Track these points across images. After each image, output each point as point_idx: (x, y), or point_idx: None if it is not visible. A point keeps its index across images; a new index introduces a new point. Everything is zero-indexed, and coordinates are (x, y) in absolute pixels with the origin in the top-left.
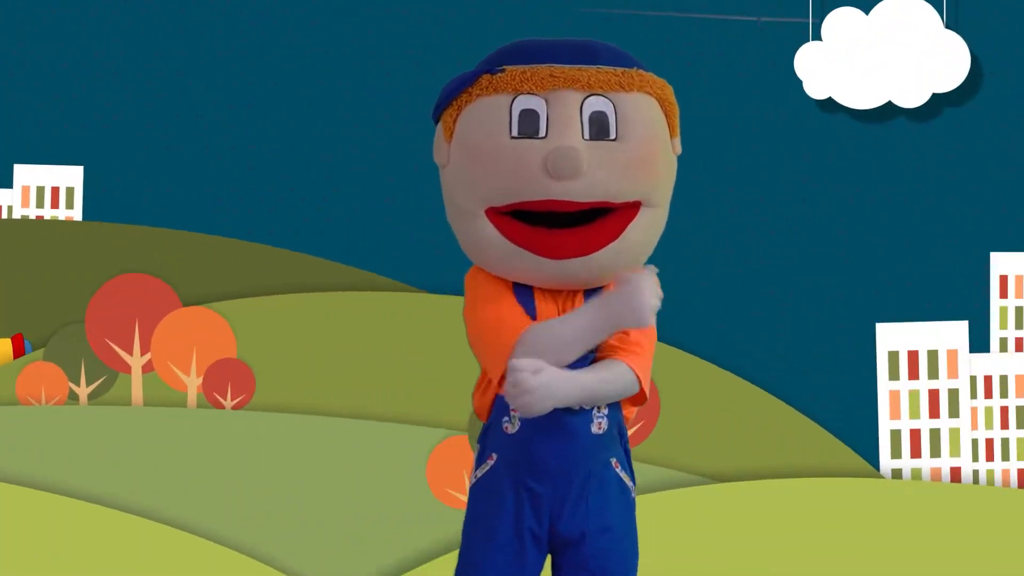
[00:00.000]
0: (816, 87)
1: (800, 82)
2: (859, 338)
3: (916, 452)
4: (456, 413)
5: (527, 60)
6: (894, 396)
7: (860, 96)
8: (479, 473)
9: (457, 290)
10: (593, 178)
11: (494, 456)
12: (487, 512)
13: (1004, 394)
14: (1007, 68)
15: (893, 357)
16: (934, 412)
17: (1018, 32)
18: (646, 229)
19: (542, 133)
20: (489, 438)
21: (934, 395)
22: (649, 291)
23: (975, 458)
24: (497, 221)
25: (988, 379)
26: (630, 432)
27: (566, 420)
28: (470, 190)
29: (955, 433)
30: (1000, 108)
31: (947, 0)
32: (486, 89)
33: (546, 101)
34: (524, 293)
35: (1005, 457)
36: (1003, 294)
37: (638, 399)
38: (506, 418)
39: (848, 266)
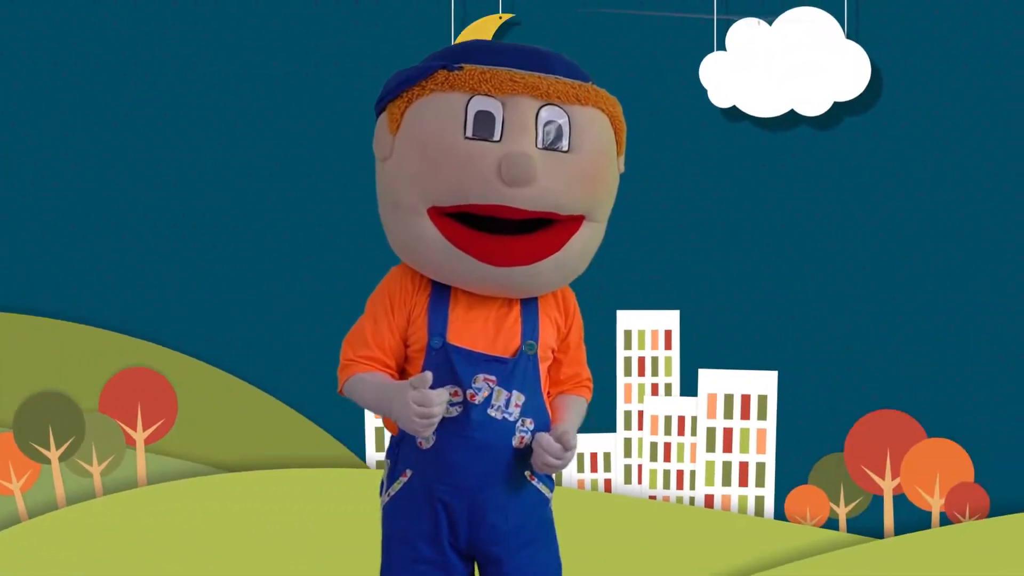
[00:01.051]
0: (720, 96)
1: (705, 91)
2: None
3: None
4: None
5: (486, 61)
6: None
7: (763, 104)
8: (392, 491)
9: (4, 307)
10: (544, 187)
11: (408, 472)
12: (405, 529)
13: None
14: (905, 77)
15: None
16: None
17: (916, 43)
18: (586, 243)
19: (496, 136)
20: (401, 454)
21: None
22: (411, 410)
23: None
24: (439, 222)
25: None
26: (152, 429)
27: (486, 432)
28: (414, 186)
29: None
30: (899, 115)
31: (848, 11)
32: (441, 85)
33: (503, 105)
34: (440, 299)
35: None
36: None
37: None
38: None
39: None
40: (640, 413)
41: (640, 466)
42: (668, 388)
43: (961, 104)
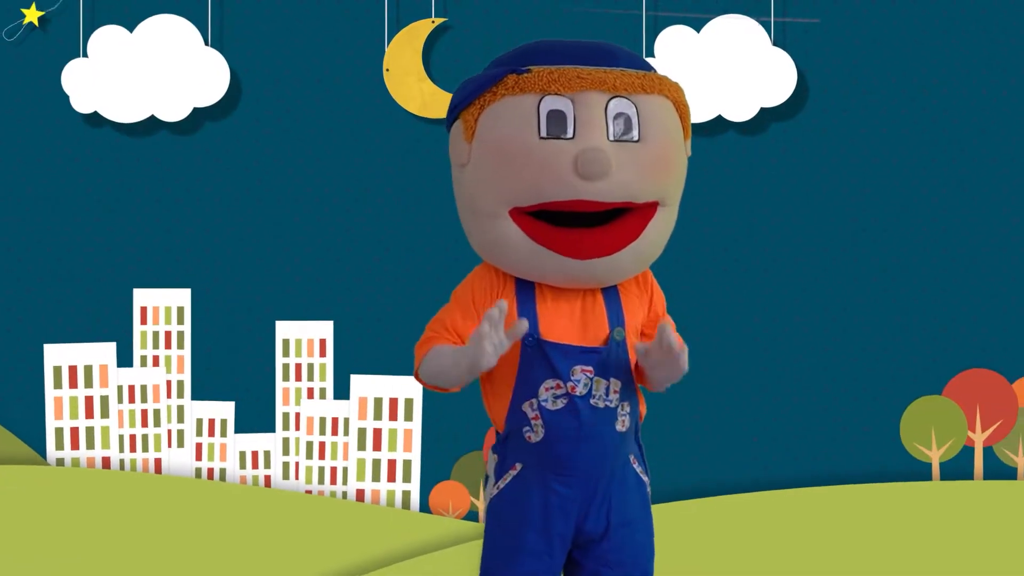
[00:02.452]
0: None
1: None
2: (31, 355)
3: (76, 445)
4: None
5: (553, 61)
6: (58, 401)
7: (691, 110)
8: (501, 484)
9: None
10: (619, 178)
11: (518, 466)
12: (514, 520)
13: (144, 399)
14: (831, 84)
15: (57, 370)
16: (90, 414)
17: (841, 50)
18: (661, 228)
19: (569, 134)
20: (509, 448)
21: (90, 400)
22: (487, 342)
23: (121, 450)
24: (521, 221)
25: (132, 388)
26: None
27: (592, 421)
28: (494, 189)
29: (106, 430)
30: (824, 121)
31: (774, 19)
32: (512, 88)
33: (572, 102)
34: (526, 295)
35: (144, 449)
36: (143, 321)
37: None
38: (527, 428)
39: (16, 288)
40: (297, 415)
41: (297, 463)
42: (323, 392)
43: (885, 109)
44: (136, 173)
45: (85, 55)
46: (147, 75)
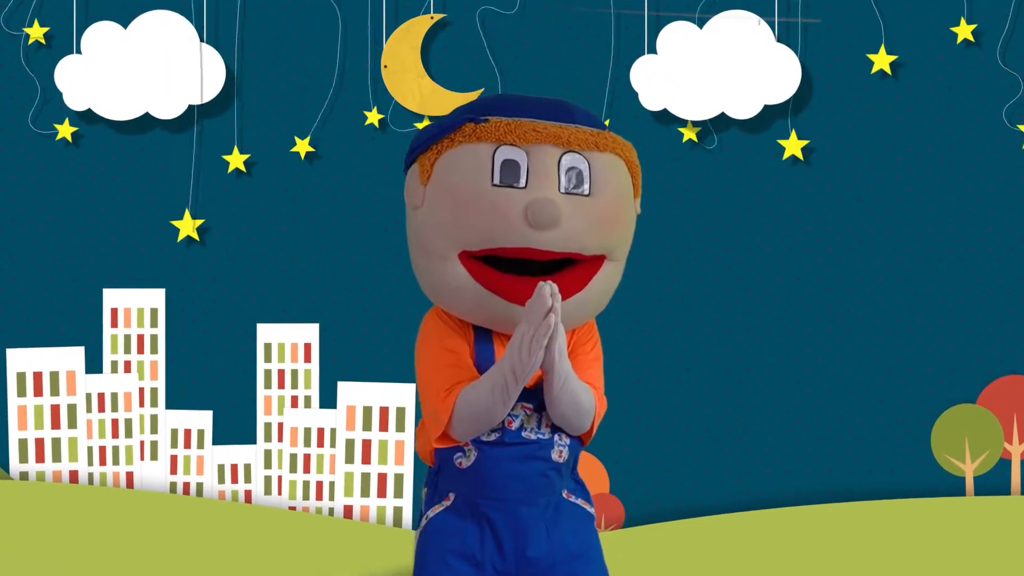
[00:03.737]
0: (651, 99)
1: (636, 94)
2: None
3: (41, 457)
4: None
5: (510, 113)
6: (22, 410)
7: (694, 107)
8: (431, 513)
9: None
10: (568, 230)
11: (451, 495)
12: (446, 548)
13: (115, 408)
14: (835, 81)
15: (21, 377)
16: (56, 424)
17: (845, 47)
18: (607, 281)
19: (522, 183)
20: (442, 480)
21: (56, 409)
22: (530, 320)
23: (90, 463)
24: (469, 265)
25: (101, 396)
26: None
27: (524, 450)
28: (446, 233)
29: (73, 441)
30: (828, 119)
31: (778, 15)
32: (469, 136)
33: (527, 153)
34: (484, 338)
35: (115, 461)
36: (114, 324)
37: (583, 437)
38: (459, 454)
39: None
40: (280, 425)
41: (280, 477)
42: (308, 400)
43: (891, 107)
44: (129, 170)
45: (79, 51)
46: (142, 72)
